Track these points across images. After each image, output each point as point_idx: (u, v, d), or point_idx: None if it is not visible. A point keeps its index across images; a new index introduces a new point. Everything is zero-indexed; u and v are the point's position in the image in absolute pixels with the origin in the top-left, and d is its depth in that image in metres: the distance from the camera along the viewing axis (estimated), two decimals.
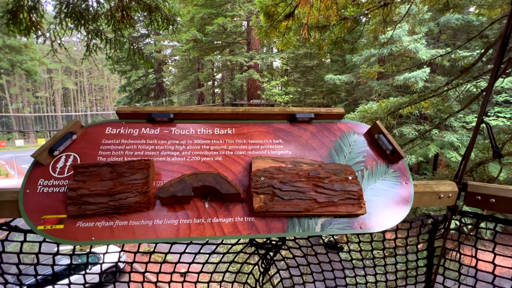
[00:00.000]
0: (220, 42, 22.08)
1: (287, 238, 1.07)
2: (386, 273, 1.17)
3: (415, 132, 11.69)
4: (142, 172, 0.85)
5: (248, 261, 1.13)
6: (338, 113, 1.06)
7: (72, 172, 0.86)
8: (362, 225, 0.86)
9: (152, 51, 24.16)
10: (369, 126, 1.04)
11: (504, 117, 10.94)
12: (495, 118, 11.14)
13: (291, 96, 16.06)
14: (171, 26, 5.47)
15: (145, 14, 5.40)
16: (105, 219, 0.81)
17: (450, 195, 1.00)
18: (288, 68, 24.17)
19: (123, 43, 5.77)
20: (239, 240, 1.01)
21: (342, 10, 5.66)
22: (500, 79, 11.17)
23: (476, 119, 0.98)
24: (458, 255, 1.12)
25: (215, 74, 29.54)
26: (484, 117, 1.03)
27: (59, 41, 4.69)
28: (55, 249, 0.99)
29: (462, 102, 5.25)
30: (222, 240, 1.09)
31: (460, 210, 1.02)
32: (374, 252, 1.16)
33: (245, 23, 21.25)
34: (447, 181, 1.03)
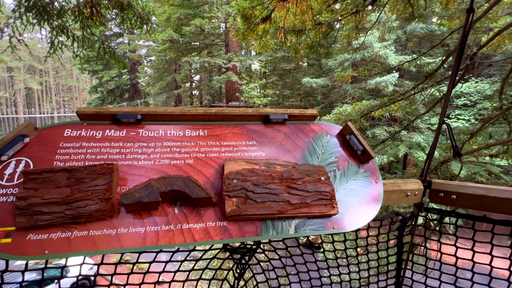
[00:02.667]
0: (198, 44, 21.77)
1: (262, 241, 1.06)
2: (360, 270, 1.20)
3: (386, 133, 12.32)
4: (105, 178, 0.79)
5: (222, 266, 1.09)
6: (311, 115, 1.07)
7: (23, 179, 0.77)
8: (335, 225, 0.87)
9: (126, 50, 23.20)
10: (341, 128, 1.06)
11: (464, 119, 11.89)
12: (456, 120, 12.07)
13: (269, 98, 16.21)
14: (145, 26, 5.28)
15: (116, 11, 5.16)
16: (61, 230, 0.74)
17: (416, 193, 1.05)
18: (267, 71, 24.44)
19: (93, 41, 5.47)
20: (212, 246, 0.97)
21: (318, 16, 5.82)
22: (459, 85, 12.09)
23: (438, 120, 1.04)
24: (425, 249, 1.18)
25: (193, 76, 29.02)
26: (445, 119, 1.10)
27: (19, 37, 4.33)
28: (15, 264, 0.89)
29: (426, 105, 5.62)
30: (194, 247, 1.05)
31: (426, 207, 1.08)
32: (349, 250, 1.18)
33: (223, 25, 21.15)
34: (414, 179, 1.07)
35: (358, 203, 0.92)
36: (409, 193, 1.03)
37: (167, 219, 0.81)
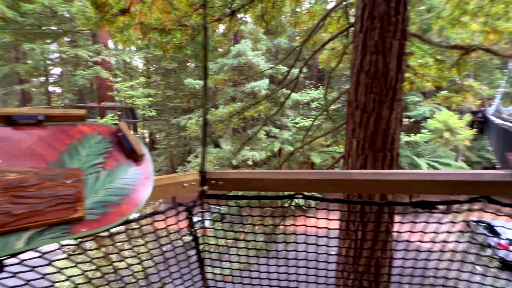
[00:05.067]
0: (56, 28, 17.26)
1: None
2: (159, 271, 1.25)
3: (263, 131, 14.04)
4: None
5: None
6: (77, 115, 1.02)
7: None
8: (86, 227, 0.85)
9: None
10: (115, 127, 1.06)
11: (313, 119, 15.09)
12: (312, 119, 15.28)
13: (151, 99, 15.02)
14: None
15: None
16: None
17: (193, 183, 1.19)
18: (152, 68, 22.53)
19: None
20: None
21: (186, 17, 5.81)
22: (312, 91, 15.21)
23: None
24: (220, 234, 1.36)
25: (49, 68, 22.88)
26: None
27: None
28: None
29: (294, 108, 6.72)
30: None
31: (207, 194, 1.25)
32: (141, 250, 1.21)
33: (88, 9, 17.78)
34: (194, 171, 1.22)
35: (121, 201, 0.95)
36: (186, 184, 1.16)
37: None
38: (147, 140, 24.28)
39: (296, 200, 1.33)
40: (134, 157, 1.05)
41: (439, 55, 5.56)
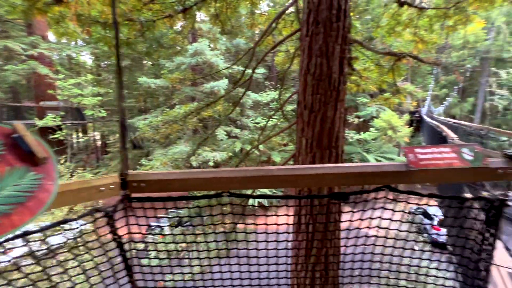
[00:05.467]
0: None
1: None
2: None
3: (224, 132, 13.92)
4: None
5: None
6: None
7: None
8: None
9: None
10: (9, 128, 0.94)
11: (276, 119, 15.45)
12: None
13: (101, 98, 13.82)
14: None
15: None
16: None
17: (112, 186, 1.12)
18: (103, 65, 20.71)
19: None
20: None
21: (135, 12, 5.46)
22: (270, 92, 15.47)
23: None
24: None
25: None
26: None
27: None
28: None
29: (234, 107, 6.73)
30: None
31: (130, 198, 1.18)
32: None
33: None
34: (113, 174, 1.14)
35: (12, 210, 0.84)
36: (103, 188, 1.08)
37: None
38: (99, 143, 22.28)
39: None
40: (34, 160, 0.94)
41: (380, 60, 6.14)
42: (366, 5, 9.70)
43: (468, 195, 1.18)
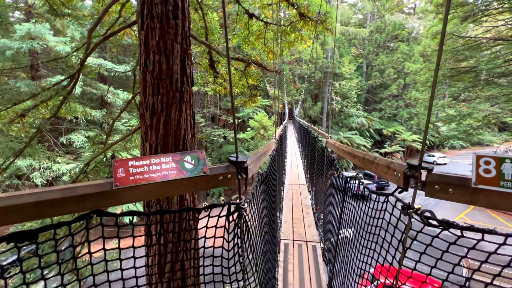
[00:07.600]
0: None
1: None
2: None
3: (83, 137, 11.35)
4: None
5: None
6: None
7: None
8: None
9: None
10: None
11: None
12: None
13: None
14: None
15: None
16: None
17: None
18: None
19: None
20: None
21: None
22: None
23: None
24: None
25: None
26: None
27: None
28: None
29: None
30: None
31: None
32: None
33: None
34: None
35: None
36: None
37: None
38: None
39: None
40: None
41: (237, 65, 6.56)
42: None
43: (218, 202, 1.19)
